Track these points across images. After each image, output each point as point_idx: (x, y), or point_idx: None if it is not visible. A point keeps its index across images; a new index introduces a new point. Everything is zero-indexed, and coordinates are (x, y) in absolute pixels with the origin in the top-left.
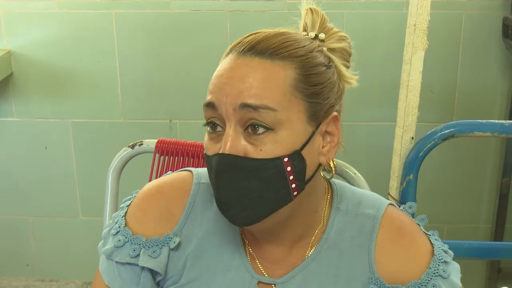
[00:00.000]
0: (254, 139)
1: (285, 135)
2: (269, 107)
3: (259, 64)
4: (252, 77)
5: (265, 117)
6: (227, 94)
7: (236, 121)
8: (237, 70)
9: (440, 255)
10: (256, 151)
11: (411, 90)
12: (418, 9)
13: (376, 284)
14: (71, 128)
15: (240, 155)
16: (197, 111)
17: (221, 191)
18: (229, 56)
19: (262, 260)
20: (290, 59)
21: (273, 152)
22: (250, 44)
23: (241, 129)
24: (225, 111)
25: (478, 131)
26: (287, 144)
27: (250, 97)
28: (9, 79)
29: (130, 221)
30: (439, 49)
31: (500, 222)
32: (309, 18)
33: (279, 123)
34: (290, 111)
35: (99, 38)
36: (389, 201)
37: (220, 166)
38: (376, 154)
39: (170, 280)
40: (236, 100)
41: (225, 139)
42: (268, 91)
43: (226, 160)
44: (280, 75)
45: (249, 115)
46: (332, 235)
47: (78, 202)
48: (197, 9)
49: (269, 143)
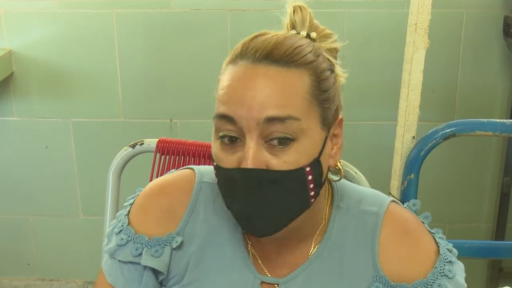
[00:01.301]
0: (277, 150)
1: (306, 144)
2: (293, 117)
3: (276, 72)
4: (272, 87)
5: (290, 127)
6: (248, 107)
7: (258, 134)
8: (255, 81)
9: (445, 254)
10: (279, 162)
11: (412, 89)
12: (419, 8)
13: (381, 282)
14: (72, 127)
15: (263, 167)
16: (197, 110)
17: (248, 206)
18: (240, 63)
19: (265, 261)
20: (304, 65)
21: (296, 163)
22: (264, 50)
23: (262, 141)
24: (246, 125)
25: (479, 130)
26: (308, 153)
27: (273, 109)
28: (9, 78)
29: (133, 220)
30: (440, 48)
31: (501, 222)
32: (298, 16)
33: (302, 132)
34: (309, 119)
35: (100, 37)
36: (391, 198)
37: (246, 181)
38: (377, 154)
39: (173, 280)
40: (260, 114)
41: (246, 153)
42: (290, 100)
43: (251, 175)
44: (298, 83)
45: (273, 128)
46: (334, 234)
47: (78, 201)
48: (198, 8)
49: (292, 154)
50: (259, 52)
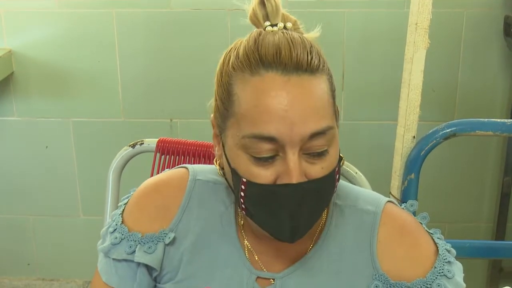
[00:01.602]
0: (315, 159)
1: (336, 146)
2: (331, 126)
3: (308, 82)
4: (310, 99)
5: (329, 137)
6: (291, 124)
7: (299, 148)
8: (292, 95)
9: (444, 255)
10: (317, 170)
11: (412, 89)
12: (420, 7)
13: (381, 281)
14: (72, 127)
15: (305, 179)
16: (198, 110)
17: (293, 220)
18: (267, 75)
19: (261, 255)
20: (322, 68)
21: (332, 167)
22: (293, 60)
23: (300, 152)
24: (289, 142)
25: (479, 130)
26: (336, 154)
27: (315, 123)
28: (10, 78)
29: (126, 219)
30: (441, 47)
31: (501, 221)
32: (270, 6)
33: (334, 138)
34: (334, 121)
35: (100, 37)
36: (387, 199)
37: (292, 197)
38: (377, 153)
39: (167, 276)
40: (304, 130)
41: (290, 168)
42: (325, 110)
43: (298, 190)
44: (324, 89)
45: (315, 142)
46: (331, 231)
47: (78, 201)
48: (198, 8)
49: (328, 159)
50: (286, 62)
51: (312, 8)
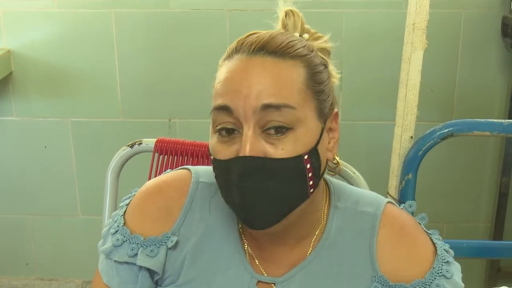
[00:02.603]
0: (274, 139)
1: (303, 132)
2: (289, 105)
3: (272, 63)
4: (268, 77)
5: (286, 116)
6: (245, 96)
7: (255, 123)
8: (251, 71)
9: (443, 255)
10: (277, 151)
11: (410, 89)
12: (417, 8)
13: (380, 283)
14: (71, 127)
15: (261, 156)
16: (196, 110)
17: (246, 195)
18: (235, 57)
19: (261, 260)
20: (298, 58)
21: (294, 151)
22: (258, 43)
23: (259, 130)
24: (243, 114)
25: (477, 130)
26: (305, 142)
27: (270, 97)
28: (8, 78)
29: (128, 220)
30: (439, 48)
31: (499, 221)
32: (290, 19)
33: (298, 121)
34: (305, 108)
35: (99, 37)
36: (387, 199)
37: (244, 169)
38: (375, 153)
39: (168, 279)
40: (256, 102)
41: (244, 141)
42: (286, 90)
43: (250, 163)
44: (293, 73)
45: (269, 117)
46: (332, 234)
47: (77, 201)
48: (197, 8)
49: (289, 142)
50: (254, 45)
51: (310, 8)
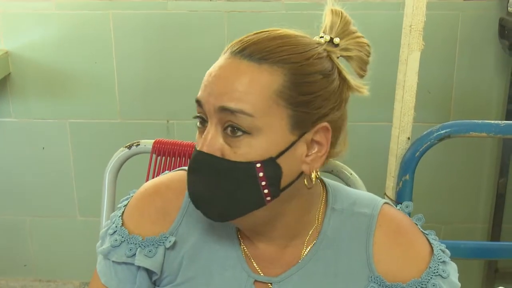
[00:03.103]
0: (231, 141)
1: (261, 141)
2: (245, 112)
3: (246, 67)
4: (236, 80)
5: (242, 121)
6: (210, 93)
7: (217, 121)
8: (224, 71)
9: (439, 255)
10: (231, 152)
11: (407, 90)
12: (414, 10)
13: (376, 283)
14: (69, 128)
15: (217, 154)
16: (194, 111)
17: (191, 187)
18: (223, 55)
19: (257, 260)
20: (280, 64)
21: (246, 156)
22: (243, 45)
23: (220, 129)
24: (207, 109)
25: (474, 132)
26: (262, 150)
27: (229, 101)
28: (6, 79)
29: (127, 221)
30: (436, 49)
31: (497, 222)
32: (329, 20)
33: (256, 129)
34: (270, 117)
35: (97, 38)
36: (384, 200)
37: (195, 163)
38: (372, 154)
39: (166, 280)
40: (216, 102)
41: (205, 136)
42: (249, 96)
43: (200, 158)
44: (265, 80)
45: (227, 117)
46: (328, 235)
47: (75, 202)
48: (195, 10)
49: (244, 146)
50: (237, 46)
51: (309, 10)
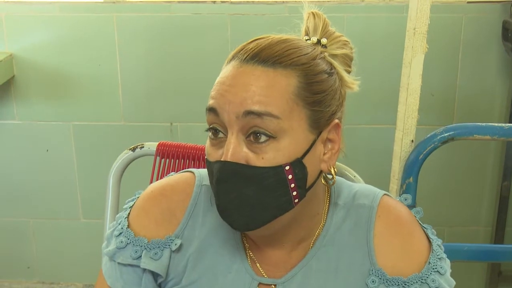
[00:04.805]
0: (256, 147)
1: (287, 143)
2: (272, 114)
3: (262, 72)
4: (255, 85)
5: (268, 124)
6: (230, 101)
7: (238, 129)
8: (240, 78)
9: (437, 250)
10: (258, 159)
11: (411, 93)
12: (418, 13)
13: (377, 276)
14: (72, 130)
15: (242, 162)
16: (198, 114)
17: (221, 198)
18: (231, 63)
19: (262, 264)
20: (293, 67)
21: (274, 160)
22: (253, 52)
23: (243, 137)
24: (227, 118)
25: (477, 134)
26: (289, 152)
27: (254, 104)
28: (11, 82)
29: (132, 223)
30: (440, 52)
31: (500, 225)
32: (311, 22)
33: (282, 131)
34: (292, 119)
35: (101, 41)
36: (383, 192)
37: (222, 173)
38: (376, 157)
39: (171, 282)
40: (239, 108)
41: (227, 146)
42: (271, 99)
43: (228, 168)
44: (282, 83)
45: (252, 123)
46: (330, 231)
47: (79, 204)
48: (198, 13)
49: (271, 151)
50: (248, 53)
51: None
